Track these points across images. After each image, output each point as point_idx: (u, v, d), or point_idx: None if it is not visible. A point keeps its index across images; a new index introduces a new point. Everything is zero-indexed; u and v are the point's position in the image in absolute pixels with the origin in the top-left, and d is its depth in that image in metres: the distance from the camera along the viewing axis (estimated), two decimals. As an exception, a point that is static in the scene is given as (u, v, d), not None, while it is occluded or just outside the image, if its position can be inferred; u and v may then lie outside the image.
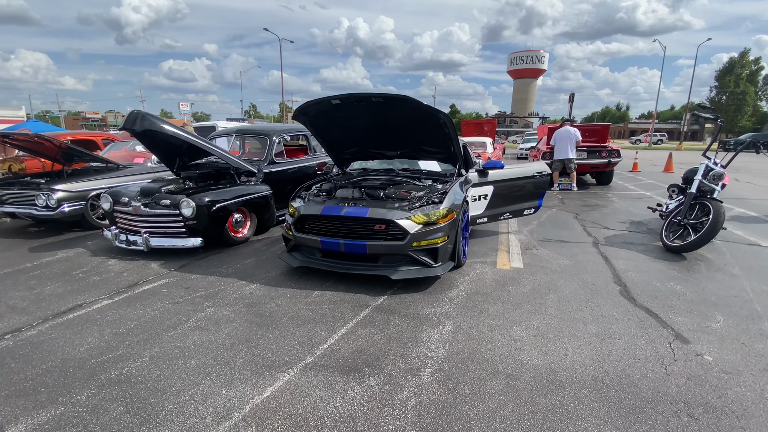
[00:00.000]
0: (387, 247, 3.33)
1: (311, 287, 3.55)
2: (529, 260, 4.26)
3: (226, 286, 3.63)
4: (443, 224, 3.42)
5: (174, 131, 4.63)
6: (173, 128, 4.65)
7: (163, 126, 4.56)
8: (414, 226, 3.31)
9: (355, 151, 4.73)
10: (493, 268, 4.01)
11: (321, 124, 4.18)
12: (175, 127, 4.71)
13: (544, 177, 5.16)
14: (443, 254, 3.46)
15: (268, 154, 5.90)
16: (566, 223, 6.08)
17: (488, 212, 4.89)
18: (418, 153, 4.47)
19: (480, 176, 4.76)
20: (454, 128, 3.76)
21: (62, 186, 5.60)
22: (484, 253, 4.51)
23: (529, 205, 5.22)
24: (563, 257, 4.35)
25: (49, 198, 5.49)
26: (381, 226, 3.36)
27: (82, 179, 5.93)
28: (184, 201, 4.42)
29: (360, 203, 3.54)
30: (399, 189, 3.85)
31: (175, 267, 4.25)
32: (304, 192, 4.15)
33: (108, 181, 6.05)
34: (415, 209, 3.42)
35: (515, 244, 4.90)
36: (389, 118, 3.81)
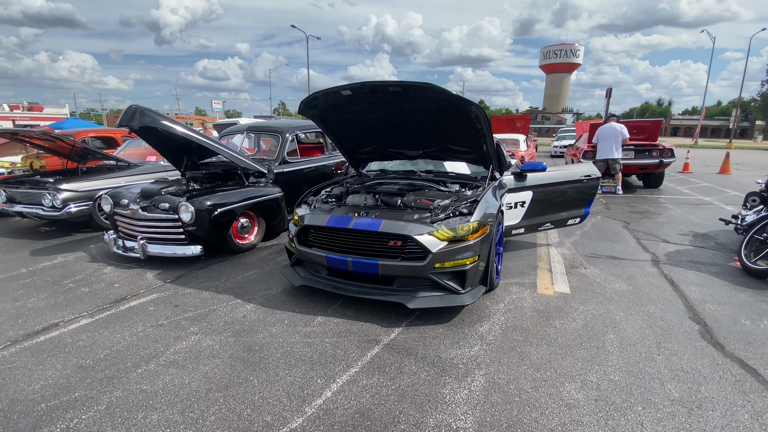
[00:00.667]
0: (403, 268, 2.75)
1: (314, 311, 3.02)
2: (577, 282, 3.55)
3: (219, 306, 3.16)
4: (473, 241, 2.80)
5: (175, 128, 4.21)
6: (174, 125, 4.24)
7: (163, 122, 4.15)
8: (437, 243, 2.71)
9: (372, 151, 4.16)
10: (533, 292, 3.33)
11: (332, 120, 3.63)
12: (177, 124, 4.29)
13: (592, 181, 4.40)
14: (472, 278, 2.83)
15: (280, 152, 5.43)
16: (616, 234, 5.27)
17: (526, 222, 4.20)
18: (445, 153, 3.84)
19: (517, 180, 4.07)
20: (488, 123, 3.11)
21: (68, 185, 5.36)
22: (521, 272, 3.83)
23: (573, 214, 4.48)
24: (619, 280, 3.61)
25: (54, 198, 5.25)
26: (397, 243, 2.78)
27: (90, 178, 5.68)
28: (183, 205, 4.00)
29: (373, 213, 2.97)
30: (420, 196, 3.24)
31: (171, 278, 3.84)
32: (311, 197, 3.62)
33: (116, 181, 5.78)
34: (439, 222, 2.81)
35: (558, 260, 4.19)
36: (410, 111, 3.21)
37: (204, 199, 4.12)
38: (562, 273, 3.79)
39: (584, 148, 9.09)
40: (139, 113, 4.11)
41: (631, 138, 8.79)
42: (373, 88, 2.90)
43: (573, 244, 4.77)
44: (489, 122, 3.13)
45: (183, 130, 4.28)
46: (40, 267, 4.21)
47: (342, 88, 2.98)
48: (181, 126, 4.34)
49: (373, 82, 2.87)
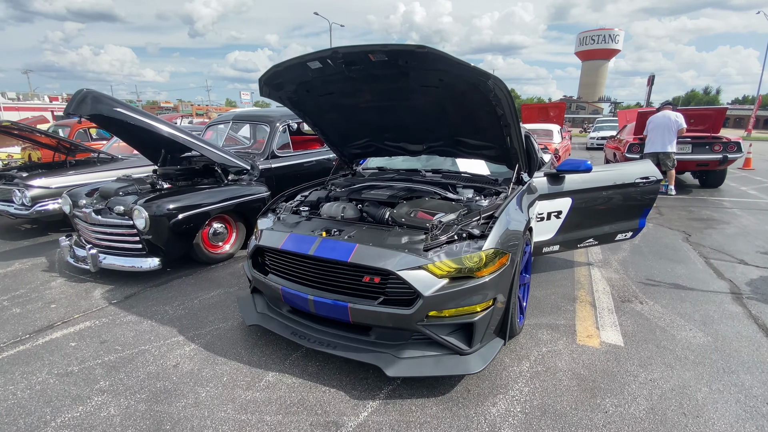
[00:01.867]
0: (383, 316, 1.92)
1: (267, 362, 2.25)
2: (632, 326, 2.60)
3: (153, 345, 2.46)
4: (487, 278, 1.93)
5: (132, 116, 3.53)
6: (131, 112, 3.55)
7: (117, 109, 3.47)
8: (432, 281, 1.86)
9: (365, 145, 3.32)
10: (571, 342, 2.42)
11: (307, 104, 2.81)
12: (135, 111, 3.61)
13: (651, 185, 3.38)
14: (484, 331, 1.97)
15: (269, 145, 4.68)
16: (675, 249, 4.20)
17: (562, 237, 3.25)
18: (456, 148, 2.94)
19: (552, 183, 3.13)
20: (513, 105, 2.21)
21: (38, 182, 4.83)
22: (553, 306, 2.91)
23: (624, 227, 3.48)
24: (691, 324, 2.63)
25: (23, 195, 4.75)
26: (374, 279, 1.95)
27: (66, 173, 5.15)
28: (136, 209, 3.32)
29: (347, 233, 2.15)
30: (417, 207, 2.39)
31: (120, 298, 3.18)
32: (282, 203, 2.84)
33: (96, 176, 5.22)
34: (438, 249, 1.95)
35: (603, 288, 3.23)
36: (405, 91, 2.35)
37: (164, 202, 3.43)
38: (610, 310, 2.84)
39: (629, 140, 7.85)
40: (91, 99, 3.44)
41: (689, 129, 7.49)
42: (348, 56, 2.05)
43: (621, 264, 3.77)
44: (513, 104, 2.22)
45: (142, 118, 3.59)
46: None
47: (308, 57, 2.16)
48: (141, 114, 3.65)
49: (348, 48, 2.02)
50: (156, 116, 3.81)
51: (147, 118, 3.66)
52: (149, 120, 3.65)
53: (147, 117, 3.67)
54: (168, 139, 3.79)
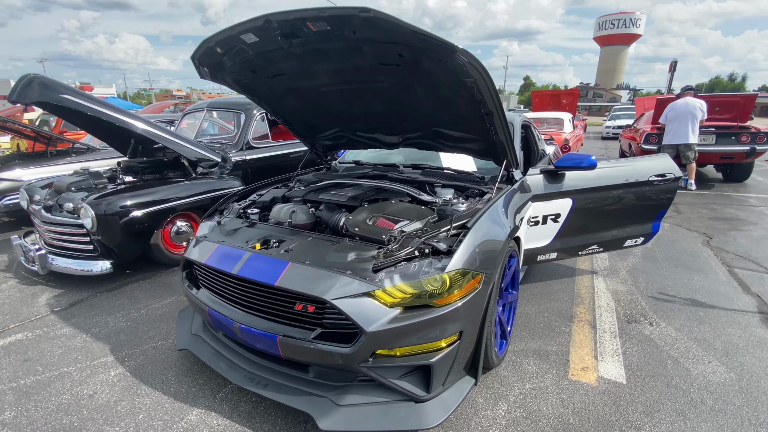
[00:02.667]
0: (319, 354, 1.54)
1: (195, 396, 1.91)
2: (638, 357, 2.18)
3: (76, 368, 2.14)
4: (452, 306, 1.53)
5: (81, 104, 3.19)
6: (81, 100, 3.21)
7: (62, 96, 3.13)
8: (379, 312, 1.47)
9: (336, 136, 2.91)
10: (562, 377, 2.01)
11: (258, 87, 2.40)
12: (86, 99, 3.26)
13: (667, 183, 2.91)
14: (445, 371, 1.58)
15: (243, 134, 4.31)
16: (693, 255, 3.71)
17: (560, 243, 2.82)
18: (436, 140, 2.51)
19: (549, 181, 2.70)
20: (492, 88, 1.77)
21: (7, 174, 4.56)
22: (545, 327, 2.50)
23: (634, 232, 3.02)
24: (710, 355, 2.19)
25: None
26: (308, 308, 1.57)
27: (38, 164, 4.87)
28: (83, 207, 3.00)
29: (286, 246, 1.77)
30: (380, 212, 1.99)
31: (65, 305, 2.89)
32: (233, 204, 2.48)
33: (61, 168, 4.91)
34: (390, 269, 1.56)
35: (606, 303, 2.79)
36: (364, 70, 1.92)
37: (115, 199, 3.10)
38: (613, 333, 2.41)
39: (646, 129, 7.23)
40: (38, 85, 3.11)
41: (713, 117, 6.86)
42: (284, 26, 1.64)
43: (630, 273, 3.31)
44: (493, 87, 1.78)
45: (93, 106, 3.24)
46: (-64, 276, 3.42)
47: (239, 29, 1.74)
48: (94, 102, 3.30)
49: (281, 15, 1.60)
50: (112, 105, 3.46)
51: (100, 106, 3.30)
52: (102, 108, 3.30)
53: (100, 105, 3.32)
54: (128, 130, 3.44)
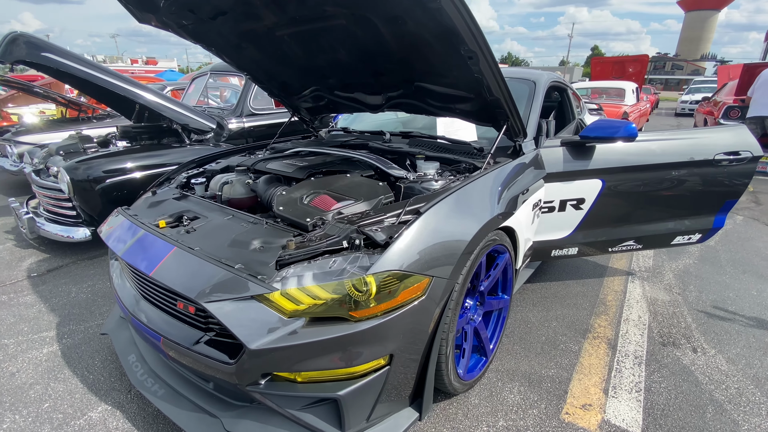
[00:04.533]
0: (202, 365, 1.19)
1: (109, 388, 1.67)
2: (667, 396, 1.62)
3: (17, 340, 2.01)
4: (373, 321, 1.11)
5: (68, 65, 3.03)
6: (65, 59, 3.04)
7: (45, 54, 2.97)
8: (272, 322, 1.09)
9: (315, 95, 2.47)
10: (551, 417, 1.52)
11: (207, 34, 2.01)
12: (76, 60, 3.09)
13: (741, 164, 2.20)
14: (365, 406, 1.18)
15: (243, 99, 4.00)
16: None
17: (583, 236, 2.24)
18: (423, 99, 2.00)
19: (573, 155, 2.10)
20: (471, 18, 1.25)
21: (26, 138, 4.68)
22: (547, 342, 1.98)
23: (688, 226, 2.34)
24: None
25: (12, 151, 4.65)
26: (189, 308, 1.22)
27: (55, 130, 4.95)
28: (60, 171, 2.88)
29: (195, 225, 1.43)
30: (326, 187, 1.57)
31: (42, 270, 2.84)
32: (188, 171, 2.18)
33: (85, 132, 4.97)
34: (299, 264, 1.16)
35: (638, 316, 2.19)
36: (310, 6, 1.47)
37: (94, 164, 2.95)
38: (639, 358, 1.84)
39: (727, 101, 5.99)
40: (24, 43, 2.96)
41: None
42: None
43: (679, 277, 2.62)
44: (472, 20, 1.26)
45: (81, 67, 3.07)
46: (-49, 234, 3.56)
47: None
48: (83, 63, 3.12)
49: None
50: (105, 67, 3.28)
51: (85, 66, 3.12)
52: (86, 68, 3.12)
53: (88, 66, 3.14)
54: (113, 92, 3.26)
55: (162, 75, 19.84)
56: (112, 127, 4.77)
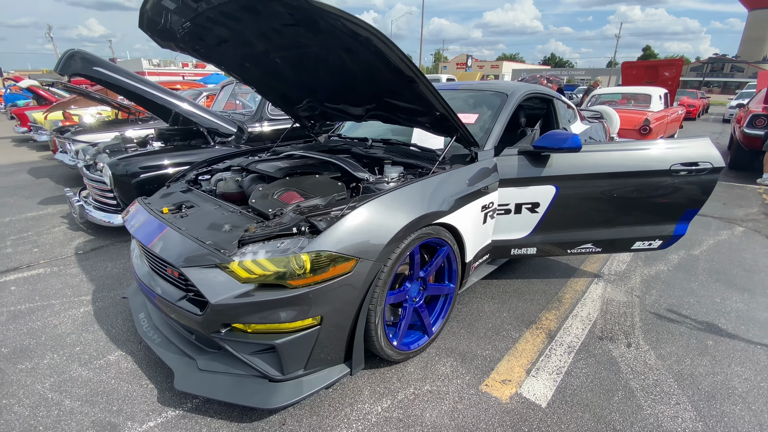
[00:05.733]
0: (179, 314, 1.57)
1: (126, 338, 2.11)
2: (583, 381, 1.82)
3: (60, 301, 2.52)
4: (305, 289, 1.43)
5: (114, 77, 3.60)
6: (115, 73, 3.62)
7: (96, 68, 3.56)
8: (229, 285, 1.44)
9: (310, 106, 2.84)
10: (473, 385, 1.78)
11: (215, 56, 2.42)
12: (120, 73, 3.67)
13: (701, 175, 2.32)
14: (299, 356, 1.51)
15: (260, 107, 4.47)
16: (752, 270, 2.92)
17: (541, 238, 2.44)
18: (393, 112, 2.30)
19: (529, 163, 2.32)
20: (397, 51, 1.55)
21: (82, 137, 5.42)
22: (493, 329, 2.22)
23: (648, 232, 2.48)
24: (687, 395, 1.73)
25: (70, 148, 5.40)
26: (174, 273, 1.60)
27: (107, 130, 5.68)
28: (104, 166, 3.44)
29: (185, 213, 1.83)
30: (294, 185, 1.93)
31: (87, 249, 3.40)
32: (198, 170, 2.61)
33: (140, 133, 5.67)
34: (256, 243, 1.51)
35: (588, 313, 2.37)
36: (279, 33, 1.82)
37: (132, 161, 3.48)
38: (572, 348, 2.04)
39: (755, 109, 5.76)
40: (80, 59, 3.57)
41: None
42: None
43: (646, 282, 2.74)
44: (399, 51, 1.56)
45: (125, 80, 3.64)
46: (21, 217, 4.27)
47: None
48: (127, 75, 3.69)
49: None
50: (145, 79, 3.84)
51: (128, 78, 3.69)
52: (132, 81, 3.69)
53: (129, 77, 3.70)
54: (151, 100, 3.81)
55: (209, 78, 21.44)
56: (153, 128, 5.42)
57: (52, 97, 10.97)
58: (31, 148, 9.13)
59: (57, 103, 9.11)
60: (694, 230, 3.72)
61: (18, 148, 9.08)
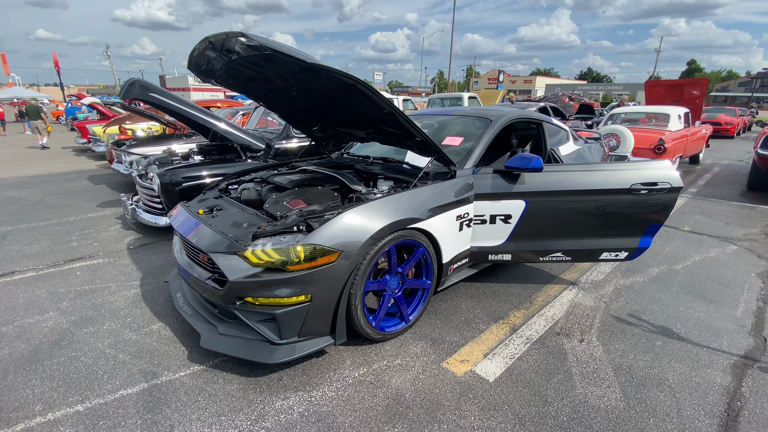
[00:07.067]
0: (207, 290, 2.07)
1: (168, 313, 2.64)
2: (531, 364, 2.14)
3: (115, 284, 3.10)
4: (298, 273, 1.89)
5: (163, 100, 4.30)
6: (165, 98, 4.32)
7: (150, 94, 4.27)
8: (243, 268, 1.92)
9: (323, 129, 3.35)
10: (435, 362, 2.15)
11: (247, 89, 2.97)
12: (169, 97, 4.36)
13: (660, 194, 2.60)
14: (291, 326, 1.95)
15: (287, 127, 5.06)
16: (728, 284, 3.10)
17: (515, 246, 2.78)
18: (387, 135, 2.76)
19: (503, 180, 2.69)
20: (374, 92, 2.02)
21: (136, 150, 6.24)
22: (464, 321, 2.57)
23: (613, 245, 2.77)
24: (618, 381, 2.03)
25: (125, 160, 6.22)
26: (204, 258, 2.10)
27: (156, 144, 6.49)
28: (154, 176, 4.10)
29: (222, 213, 2.35)
30: (300, 195, 2.41)
31: (137, 245, 4.04)
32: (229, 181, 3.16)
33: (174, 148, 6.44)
34: (268, 238, 1.98)
35: (553, 314, 2.67)
36: (283, 76, 2.35)
37: (176, 171, 4.12)
38: (529, 339, 2.36)
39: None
40: (139, 86, 4.31)
41: None
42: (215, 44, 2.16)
43: (617, 291, 3.00)
44: (375, 93, 2.01)
45: (171, 102, 4.34)
46: (83, 217, 5.03)
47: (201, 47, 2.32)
48: (173, 99, 4.39)
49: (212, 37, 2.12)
50: (187, 102, 4.54)
51: (176, 102, 4.38)
52: (176, 104, 4.38)
53: (177, 101, 4.40)
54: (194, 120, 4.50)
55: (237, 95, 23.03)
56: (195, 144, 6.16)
57: (110, 112, 12.32)
58: (90, 157, 10.28)
59: (114, 119, 10.27)
60: (683, 246, 3.89)
61: (78, 158, 10.26)
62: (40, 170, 8.42)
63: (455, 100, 12.72)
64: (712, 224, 4.64)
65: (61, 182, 7.24)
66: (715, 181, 7.24)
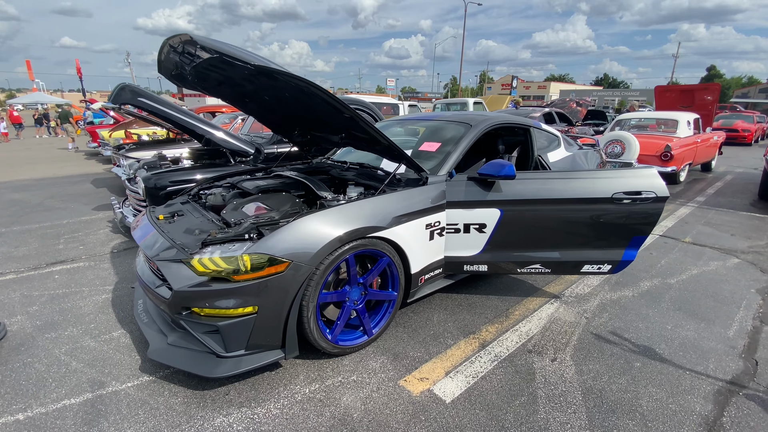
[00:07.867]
0: (156, 298, 2.00)
1: (127, 321, 2.60)
2: (494, 385, 2.01)
3: (90, 289, 3.09)
4: (244, 283, 1.81)
5: (153, 105, 4.32)
6: (153, 102, 4.34)
7: (140, 99, 4.29)
8: (188, 277, 1.85)
9: (300, 134, 3.29)
10: (392, 379, 2.04)
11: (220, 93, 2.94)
12: (156, 101, 4.38)
13: (645, 204, 2.45)
14: (239, 338, 1.86)
15: (276, 131, 5.03)
16: (723, 301, 2.91)
17: (491, 257, 2.65)
18: (358, 141, 2.68)
19: (477, 187, 2.57)
20: (328, 95, 1.94)
21: (133, 153, 6.31)
22: (432, 335, 2.45)
23: (595, 257, 2.62)
24: (585, 407, 1.88)
25: (123, 163, 6.29)
26: (154, 265, 2.04)
27: (152, 149, 6.55)
28: (139, 179, 4.10)
29: (180, 219, 2.30)
30: (262, 201, 2.34)
31: (121, 248, 4.04)
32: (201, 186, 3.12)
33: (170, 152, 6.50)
34: (215, 245, 1.92)
35: (528, 329, 2.53)
36: (247, 79, 2.29)
37: (161, 175, 4.12)
38: (498, 356, 2.23)
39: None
40: (129, 91, 4.34)
41: None
42: (176, 48, 2.13)
43: (601, 306, 2.83)
44: (329, 95, 1.94)
45: (160, 107, 4.35)
46: (76, 220, 5.09)
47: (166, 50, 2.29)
48: (163, 104, 4.40)
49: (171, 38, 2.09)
50: (181, 108, 4.55)
51: (165, 107, 4.40)
52: (165, 109, 4.39)
53: (166, 106, 4.41)
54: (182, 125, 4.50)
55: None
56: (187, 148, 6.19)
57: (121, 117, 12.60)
58: (99, 161, 10.50)
59: (121, 123, 10.48)
60: (682, 258, 3.69)
61: (88, 161, 10.49)
62: (47, 173, 8.62)
63: (461, 105, 12.65)
64: (715, 235, 4.41)
65: (65, 185, 7.38)
66: (725, 190, 6.93)
